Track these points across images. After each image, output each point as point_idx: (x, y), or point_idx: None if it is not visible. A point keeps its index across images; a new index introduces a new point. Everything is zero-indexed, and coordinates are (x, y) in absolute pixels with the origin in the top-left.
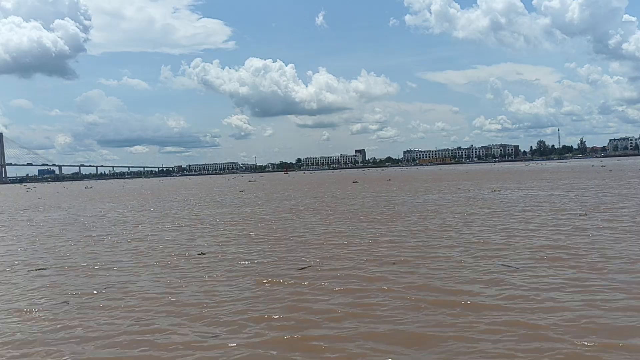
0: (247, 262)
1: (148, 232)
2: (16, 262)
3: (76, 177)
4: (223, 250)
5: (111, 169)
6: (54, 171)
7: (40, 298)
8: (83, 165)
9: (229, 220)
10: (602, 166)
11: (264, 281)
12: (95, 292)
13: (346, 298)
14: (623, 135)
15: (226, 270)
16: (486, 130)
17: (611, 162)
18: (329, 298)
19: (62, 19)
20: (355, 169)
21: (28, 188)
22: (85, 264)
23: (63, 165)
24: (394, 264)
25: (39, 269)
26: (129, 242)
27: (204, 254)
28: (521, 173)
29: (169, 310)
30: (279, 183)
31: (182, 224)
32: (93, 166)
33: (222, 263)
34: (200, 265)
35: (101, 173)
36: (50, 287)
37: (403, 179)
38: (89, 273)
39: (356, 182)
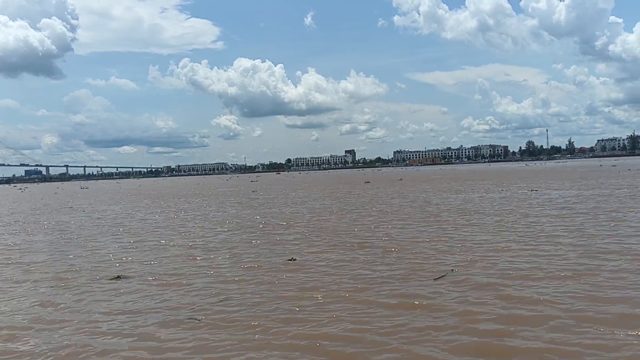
0: (378, 272)
1: (204, 235)
2: (83, 270)
3: (63, 177)
4: (320, 257)
5: (99, 169)
6: (41, 172)
7: (159, 312)
8: (70, 166)
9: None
10: (612, 165)
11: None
12: (216, 303)
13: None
14: (609, 136)
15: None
16: (474, 131)
17: (611, 162)
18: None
19: (49, 18)
20: (347, 169)
21: (20, 188)
22: (165, 272)
23: (50, 166)
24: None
25: (116, 278)
26: (190, 247)
27: (294, 259)
28: (531, 173)
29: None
30: (283, 183)
31: (240, 226)
32: (80, 166)
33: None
34: (298, 274)
35: (89, 173)
36: (153, 299)
37: (412, 179)
38: (184, 283)
39: (368, 182)
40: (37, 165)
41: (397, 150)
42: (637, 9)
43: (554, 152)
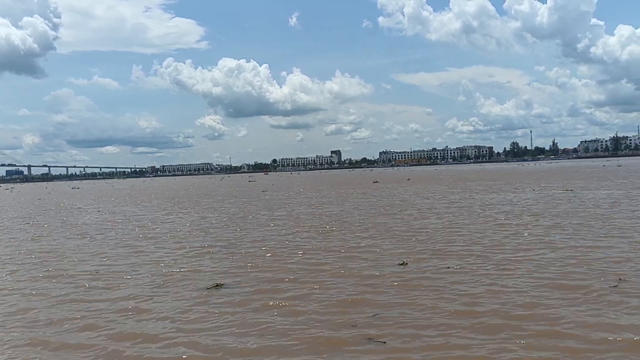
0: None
1: (277, 237)
2: (174, 279)
3: (46, 177)
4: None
5: (82, 169)
6: (23, 172)
7: (318, 327)
8: (53, 166)
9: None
10: (618, 166)
11: None
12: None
13: None
14: (591, 137)
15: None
16: (458, 132)
17: (607, 162)
18: None
19: (31, 17)
20: (336, 170)
21: (7, 188)
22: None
23: (32, 166)
24: None
25: (215, 286)
26: (265, 250)
27: (405, 264)
28: (539, 173)
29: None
30: (283, 183)
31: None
32: (63, 167)
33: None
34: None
35: (72, 174)
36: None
37: (419, 179)
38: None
39: (377, 181)
40: (18, 165)
41: (383, 151)
42: (618, 12)
43: (537, 153)
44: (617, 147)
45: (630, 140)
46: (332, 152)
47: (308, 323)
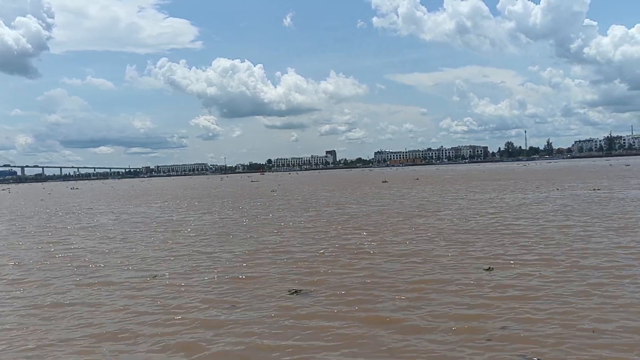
0: None
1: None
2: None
3: (39, 178)
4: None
5: (76, 170)
6: (16, 172)
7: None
8: (47, 167)
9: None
10: (626, 165)
11: None
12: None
13: None
14: (585, 137)
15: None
16: (453, 132)
17: (614, 161)
18: None
19: (24, 17)
20: (335, 170)
21: (4, 189)
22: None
23: (26, 167)
24: None
25: (294, 292)
26: (322, 253)
27: (491, 269)
28: (547, 172)
29: None
30: (287, 184)
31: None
32: (57, 167)
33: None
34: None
35: (65, 174)
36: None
37: (425, 179)
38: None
39: (386, 181)
40: (12, 166)
41: (378, 151)
42: (611, 12)
43: (532, 153)
44: (611, 146)
45: (624, 139)
46: (327, 152)
47: (440, 340)
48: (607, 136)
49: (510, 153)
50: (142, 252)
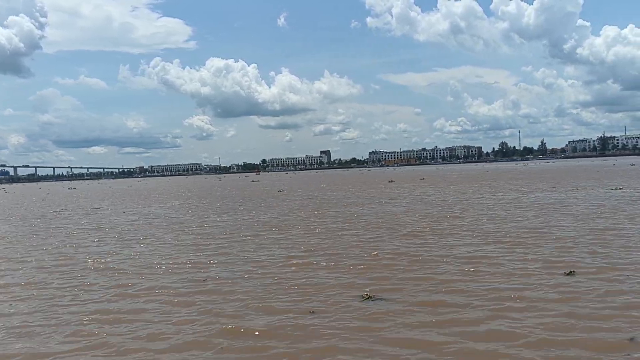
0: None
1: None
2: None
3: (32, 178)
4: None
5: (69, 170)
6: (8, 172)
7: None
8: (40, 166)
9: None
10: (631, 165)
11: None
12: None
13: None
14: (578, 137)
15: None
16: (446, 132)
17: (606, 161)
18: None
19: (17, 16)
20: (331, 170)
21: (2, 189)
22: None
23: (19, 167)
24: None
25: (367, 298)
26: (377, 254)
27: (572, 273)
28: (551, 172)
29: None
30: (291, 183)
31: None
32: (50, 167)
33: None
34: None
35: (58, 174)
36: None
37: (431, 179)
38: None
39: (392, 181)
40: (4, 166)
41: (373, 151)
42: (604, 13)
43: (526, 153)
44: (604, 146)
45: (617, 140)
46: (321, 152)
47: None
48: (601, 136)
49: (505, 153)
50: (185, 256)
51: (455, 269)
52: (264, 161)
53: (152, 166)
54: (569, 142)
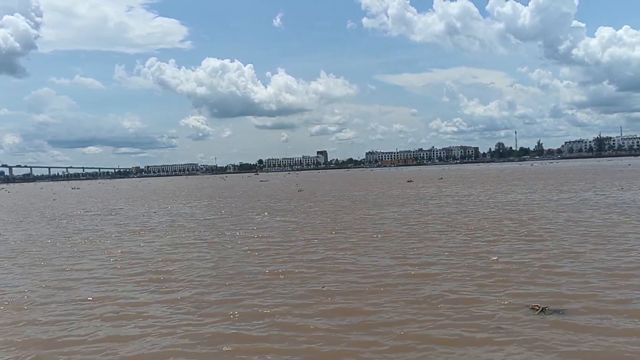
0: None
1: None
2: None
3: (27, 178)
4: None
5: (65, 170)
6: (4, 172)
7: None
8: (35, 167)
9: None
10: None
11: None
12: None
13: None
14: (573, 138)
15: None
16: (442, 133)
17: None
18: None
19: (12, 15)
20: (330, 170)
21: (3, 189)
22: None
23: (14, 167)
24: None
25: (540, 310)
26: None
27: None
28: (566, 172)
29: None
30: (300, 183)
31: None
32: (45, 167)
33: None
34: None
35: (54, 175)
36: None
37: (451, 179)
38: None
39: (411, 180)
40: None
41: (370, 152)
42: (599, 14)
43: (523, 154)
44: (600, 147)
45: (613, 140)
46: (318, 152)
47: None
48: (597, 137)
49: (501, 154)
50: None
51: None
52: (260, 161)
53: (148, 166)
54: (566, 142)
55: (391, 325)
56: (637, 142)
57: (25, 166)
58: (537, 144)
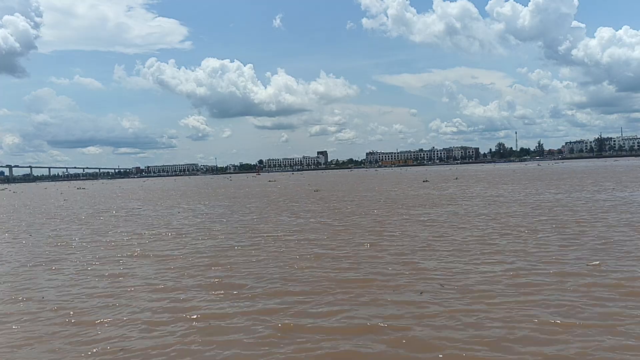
0: None
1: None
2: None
3: (27, 178)
4: None
5: (65, 170)
6: (3, 172)
7: None
8: (35, 167)
9: None
10: None
11: None
12: None
13: None
14: (573, 139)
15: None
16: (442, 133)
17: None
18: None
19: (12, 15)
20: (335, 170)
21: (3, 189)
22: None
23: (14, 166)
24: None
25: None
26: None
27: None
28: (582, 172)
29: None
30: (315, 183)
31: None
32: (45, 167)
33: None
34: None
35: (54, 175)
36: None
37: (465, 179)
38: None
39: (426, 181)
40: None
41: (370, 152)
42: (599, 15)
43: (523, 154)
44: (601, 148)
45: (614, 141)
46: (318, 152)
47: None
48: (598, 137)
49: (502, 154)
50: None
51: None
52: (260, 162)
53: (148, 167)
54: (566, 143)
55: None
56: (638, 142)
57: (26, 166)
58: (537, 145)
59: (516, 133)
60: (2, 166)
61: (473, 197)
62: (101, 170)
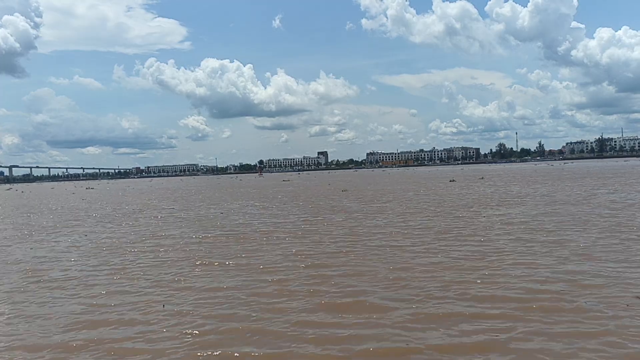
0: None
1: None
2: None
3: (27, 178)
4: None
5: (64, 170)
6: (3, 172)
7: None
8: (35, 167)
9: None
10: None
11: None
12: None
13: None
14: (572, 139)
15: None
16: (442, 133)
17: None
18: None
19: (12, 15)
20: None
21: (8, 189)
22: None
23: (14, 167)
24: None
25: None
26: None
27: None
28: (602, 172)
29: None
30: (337, 183)
31: None
32: (45, 167)
33: None
34: None
35: (54, 175)
36: None
37: (494, 179)
38: None
39: (453, 180)
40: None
41: (370, 152)
42: (598, 15)
43: (524, 155)
44: (602, 148)
45: (614, 141)
46: (319, 153)
47: None
48: (598, 138)
49: (502, 155)
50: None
51: None
52: (261, 162)
53: (148, 167)
54: (567, 143)
55: None
56: (639, 143)
57: (27, 166)
58: (538, 145)
59: (517, 133)
60: (3, 166)
61: (529, 195)
62: (101, 171)
